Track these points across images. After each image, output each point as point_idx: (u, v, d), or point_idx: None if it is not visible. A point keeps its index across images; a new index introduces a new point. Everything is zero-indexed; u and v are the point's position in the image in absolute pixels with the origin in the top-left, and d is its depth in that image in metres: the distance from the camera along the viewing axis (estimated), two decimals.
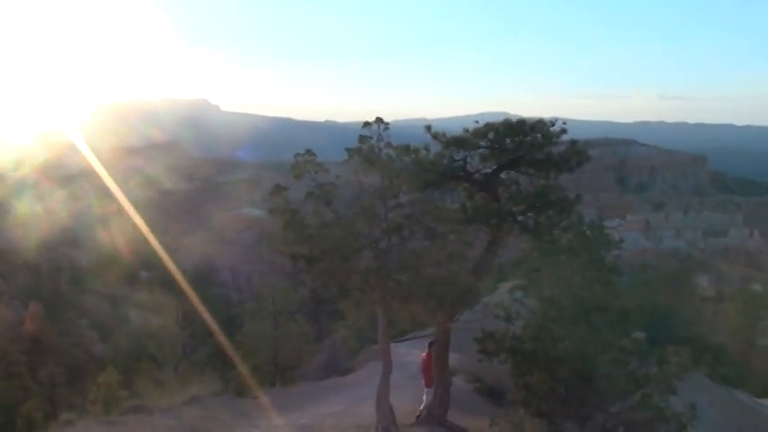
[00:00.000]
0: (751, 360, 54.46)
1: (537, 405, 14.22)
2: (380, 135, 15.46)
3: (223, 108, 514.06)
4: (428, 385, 18.80)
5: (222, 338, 28.63)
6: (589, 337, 13.90)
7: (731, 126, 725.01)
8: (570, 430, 13.36)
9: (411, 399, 20.70)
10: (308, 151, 15.38)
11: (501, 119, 17.42)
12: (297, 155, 15.46)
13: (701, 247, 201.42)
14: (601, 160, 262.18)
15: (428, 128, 17.27)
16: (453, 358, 19.91)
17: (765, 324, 58.94)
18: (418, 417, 18.68)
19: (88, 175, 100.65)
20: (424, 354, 18.98)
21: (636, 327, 20.00)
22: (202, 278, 55.93)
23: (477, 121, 17.31)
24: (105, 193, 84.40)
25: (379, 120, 15.47)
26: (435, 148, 17.17)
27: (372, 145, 15.46)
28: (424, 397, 19.02)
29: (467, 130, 17.06)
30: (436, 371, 18.45)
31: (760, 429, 32.03)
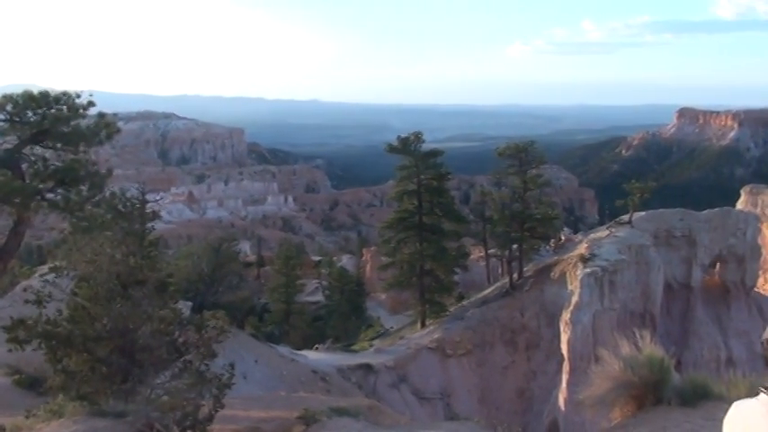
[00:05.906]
0: (290, 317, 59.39)
1: (78, 388, 13.64)
2: None
3: None
4: None
5: None
6: (127, 311, 13.73)
7: (262, 100, 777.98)
8: (113, 408, 13.07)
9: None
10: None
11: None
12: None
13: (242, 215, 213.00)
14: (142, 134, 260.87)
15: None
16: None
17: (301, 283, 64.74)
18: None
19: None
20: None
21: (177, 296, 20.34)
22: None
23: None
24: None
25: None
26: None
27: None
28: None
29: None
30: None
31: (300, 376, 35.72)
